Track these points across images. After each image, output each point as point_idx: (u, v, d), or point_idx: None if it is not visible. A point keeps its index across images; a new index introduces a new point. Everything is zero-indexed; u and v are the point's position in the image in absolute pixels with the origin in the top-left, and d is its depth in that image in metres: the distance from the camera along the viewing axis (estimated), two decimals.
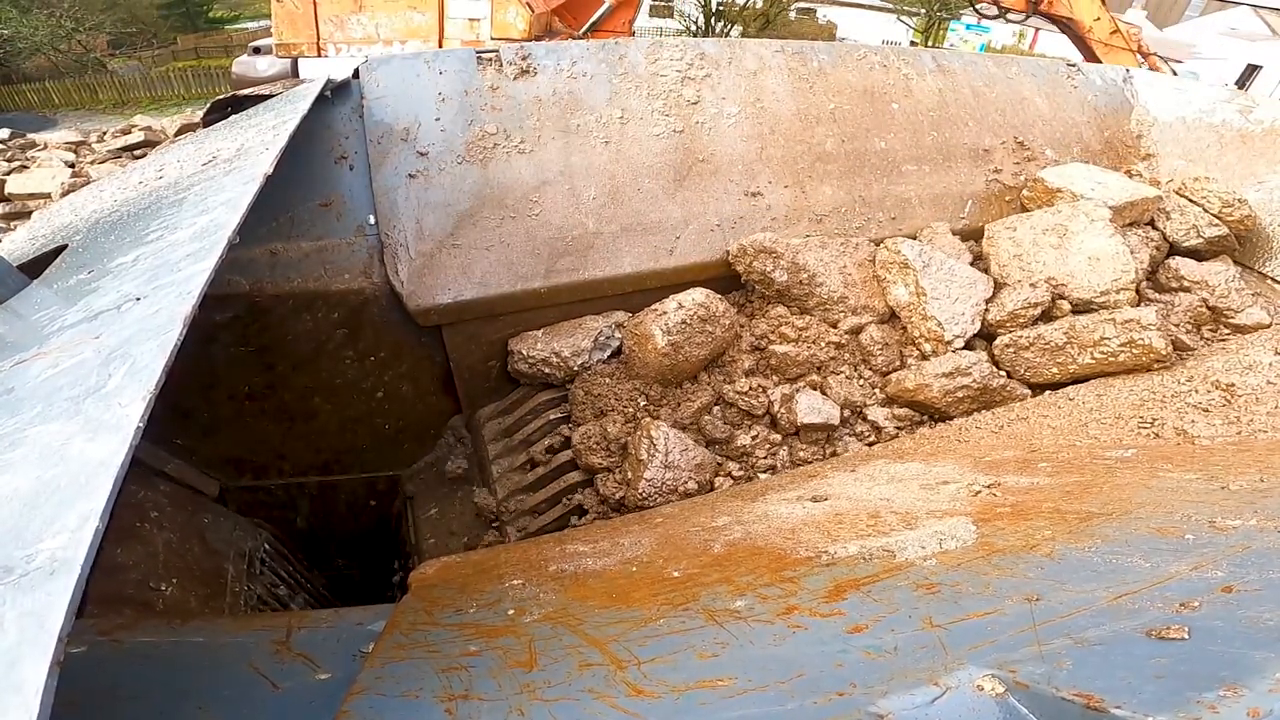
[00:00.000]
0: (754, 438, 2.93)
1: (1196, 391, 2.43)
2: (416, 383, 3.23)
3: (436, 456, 3.42)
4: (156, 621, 1.89)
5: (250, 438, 3.11)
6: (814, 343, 3.13)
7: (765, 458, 2.91)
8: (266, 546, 2.93)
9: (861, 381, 3.15)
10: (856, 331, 3.21)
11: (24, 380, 1.35)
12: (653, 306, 3.01)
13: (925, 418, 3.08)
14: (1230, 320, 3.43)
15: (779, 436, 2.97)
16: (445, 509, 3.21)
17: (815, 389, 3.06)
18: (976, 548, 1.44)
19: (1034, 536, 1.44)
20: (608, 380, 3.01)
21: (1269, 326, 3.37)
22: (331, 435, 3.23)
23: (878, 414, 3.04)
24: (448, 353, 3.12)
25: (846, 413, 3.03)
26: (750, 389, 3.00)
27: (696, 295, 2.98)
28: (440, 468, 3.37)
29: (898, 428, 3.04)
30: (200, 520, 2.71)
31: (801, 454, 2.94)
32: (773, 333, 3.17)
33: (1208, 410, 2.29)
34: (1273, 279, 3.74)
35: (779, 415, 2.96)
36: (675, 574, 1.64)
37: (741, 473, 2.86)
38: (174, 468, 2.93)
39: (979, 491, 1.83)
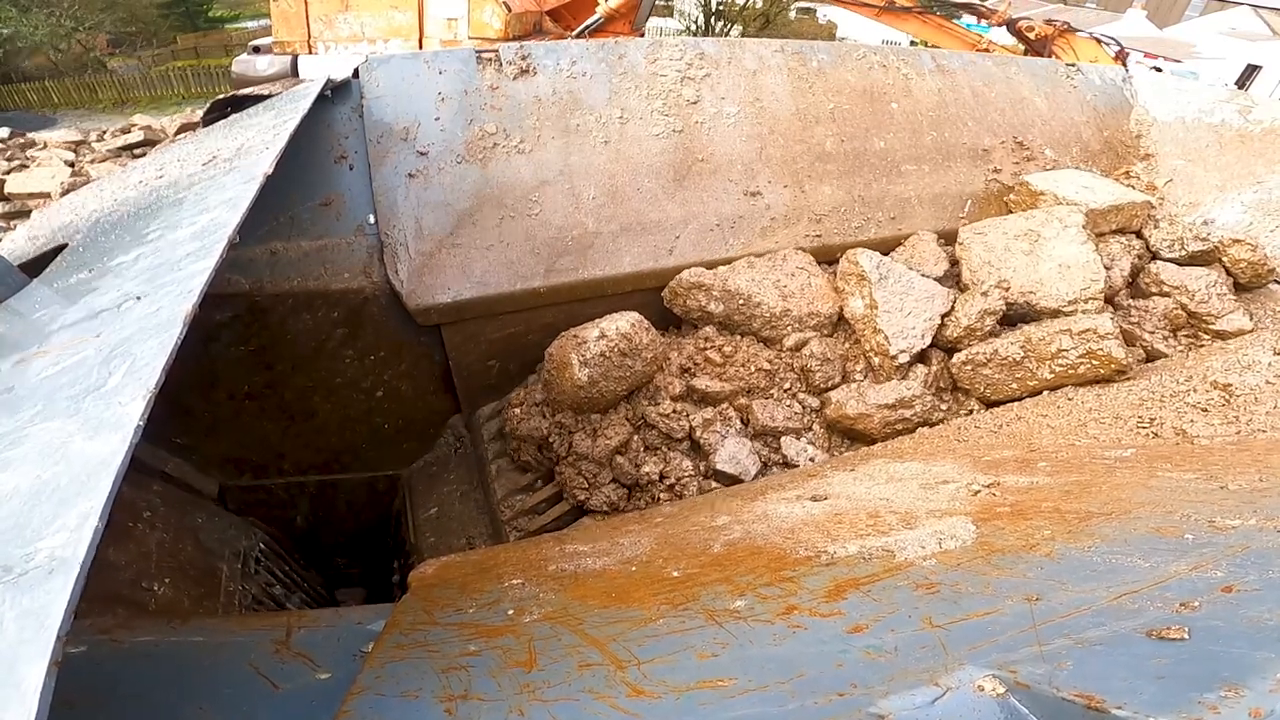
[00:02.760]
0: (669, 465, 2.85)
1: (1195, 391, 2.43)
2: (416, 382, 3.22)
3: (436, 456, 3.42)
4: (150, 621, 1.88)
5: (250, 437, 3.11)
6: (744, 365, 3.07)
7: (674, 485, 2.83)
8: (262, 546, 2.93)
9: (793, 402, 3.06)
10: (799, 347, 3.15)
11: (24, 379, 1.34)
12: (574, 331, 2.90)
13: (850, 442, 3.02)
14: (1210, 326, 3.34)
15: (691, 466, 2.86)
16: (445, 508, 3.21)
17: (741, 414, 2.99)
18: (976, 547, 1.44)
19: (1033, 536, 1.44)
20: (525, 408, 2.99)
21: (1251, 332, 3.29)
22: (331, 434, 3.23)
23: (793, 448, 2.94)
24: (447, 352, 3.12)
25: (766, 450, 2.95)
26: (674, 411, 2.93)
27: (622, 324, 2.85)
28: (440, 467, 3.37)
29: (811, 460, 2.97)
30: (194, 520, 2.71)
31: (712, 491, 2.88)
32: (699, 355, 3.09)
33: (1206, 410, 2.29)
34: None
35: (700, 440, 2.89)
36: (675, 574, 1.64)
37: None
38: (173, 467, 2.93)
39: (978, 491, 1.83)
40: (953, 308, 3.16)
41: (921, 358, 3.14)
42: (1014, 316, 3.18)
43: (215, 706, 1.30)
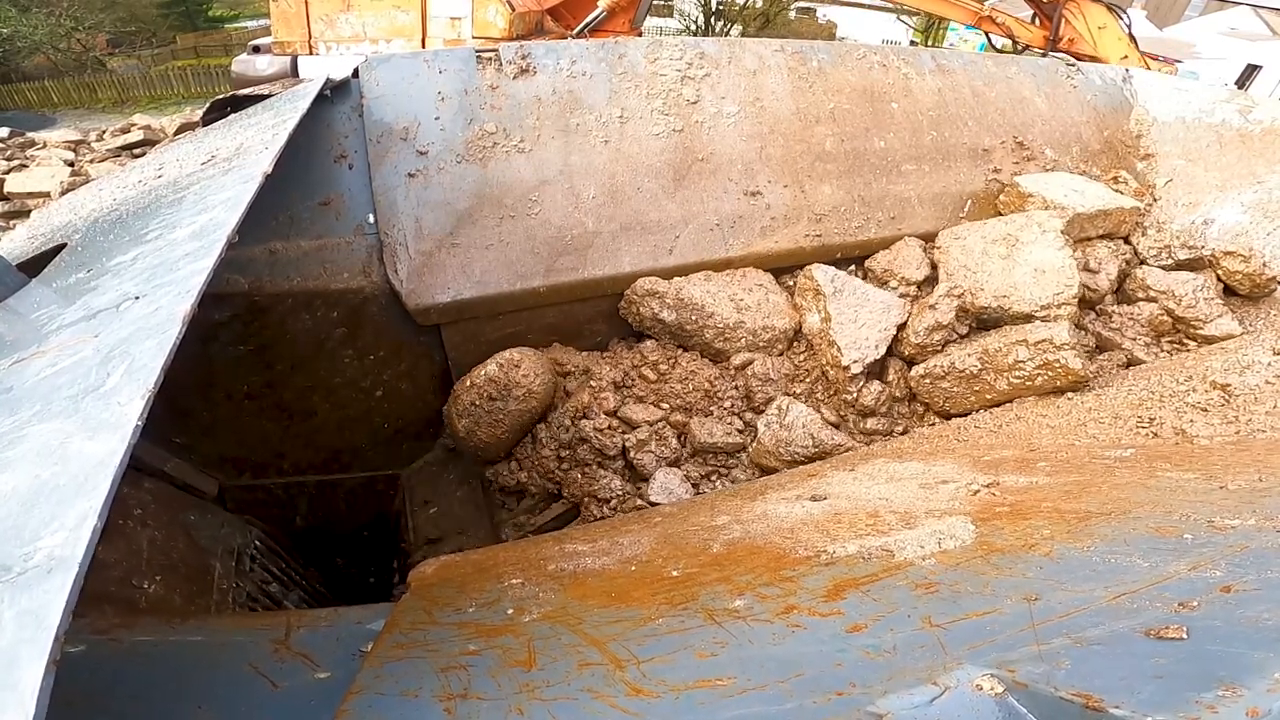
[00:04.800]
0: (595, 482, 2.81)
1: (1195, 391, 2.43)
2: (415, 382, 3.23)
3: (436, 456, 3.43)
4: (141, 618, 1.88)
5: (249, 436, 3.11)
6: (682, 382, 3.03)
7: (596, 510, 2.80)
8: (257, 543, 2.92)
9: (734, 419, 3.02)
10: (744, 366, 3.11)
11: (23, 379, 1.34)
12: (465, 378, 2.91)
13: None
14: (1198, 331, 3.28)
15: (620, 485, 2.82)
16: (445, 508, 3.21)
17: (677, 430, 2.96)
18: (975, 547, 1.44)
19: (1033, 536, 1.44)
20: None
21: (1239, 336, 3.24)
22: (330, 434, 3.23)
23: (728, 480, 2.90)
24: (447, 352, 3.12)
25: (700, 470, 2.93)
26: (608, 427, 2.87)
27: (491, 368, 2.79)
28: (440, 467, 3.37)
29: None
30: (186, 517, 2.70)
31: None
32: (634, 371, 3.04)
33: (1206, 410, 2.29)
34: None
35: (635, 461, 2.84)
36: (674, 573, 1.64)
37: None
38: (173, 466, 2.93)
39: (978, 491, 1.83)
40: (907, 319, 3.14)
41: (881, 370, 3.12)
42: (988, 322, 3.15)
43: (214, 705, 1.30)
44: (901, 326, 3.12)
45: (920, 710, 0.94)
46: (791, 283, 3.40)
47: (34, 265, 2.09)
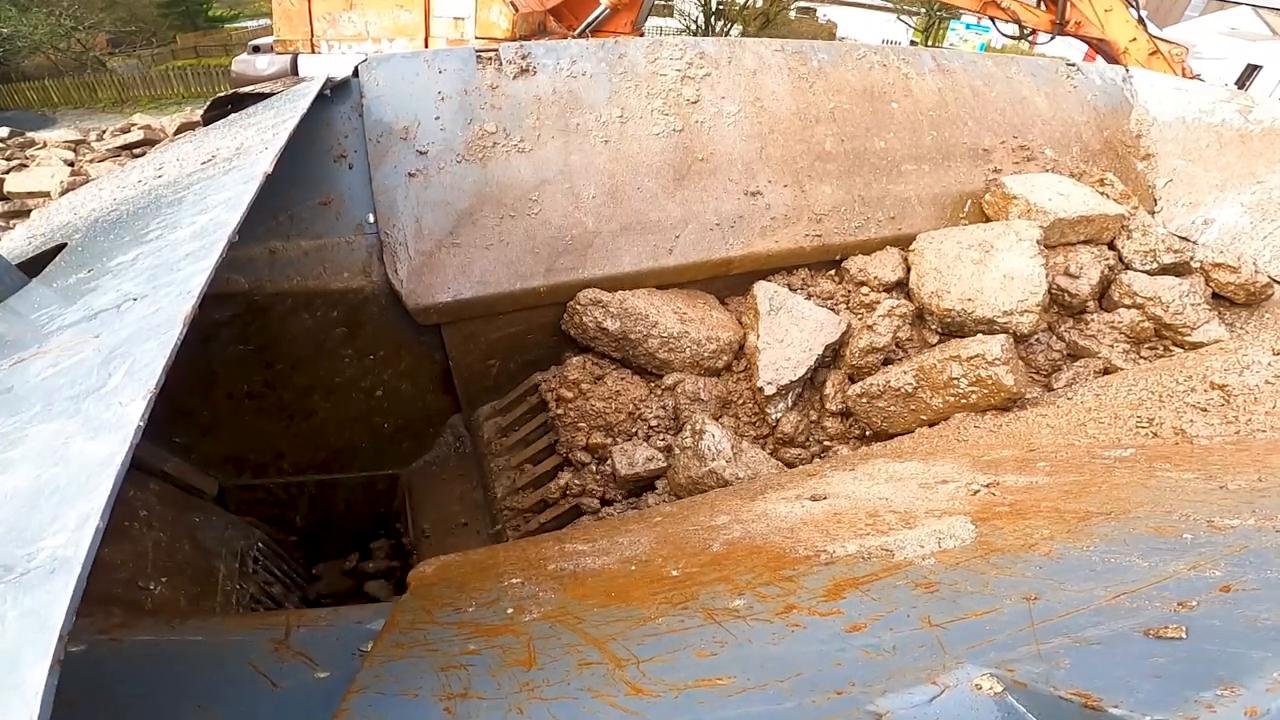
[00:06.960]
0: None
1: (1194, 391, 2.43)
2: (415, 381, 3.23)
3: (436, 456, 3.43)
4: (148, 620, 1.89)
5: (249, 436, 3.11)
6: (608, 399, 2.98)
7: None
8: (260, 545, 2.93)
9: (664, 436, 2.99)
10: (674, 386, 3.08)
11: (24, 379, 1.34)
12: None
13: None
14: (1185, 338, 3.24)
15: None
16: (445, 509, 3.21)
17: (594, 453, 2.94)
18: (975, 547, 1.44)
19: (1032, 536, 1.44)
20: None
21: (1226, 341, 3.19)
22: (330, 434, 3.23)
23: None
24: (447, 351, 3.12)
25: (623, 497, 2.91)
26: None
27: None
28: (440, 467, 3.37)
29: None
30: (191, 519, 2.71)
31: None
32: (548, 393, 3.01)
33: (1206, 410, 2.29)
34: (1273, 279, 3.71)
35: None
36: (674, 573, 1.64)
37: None
38: (173, 466, 2.93)
39: (977, 491, 1.83)
40: (846, 339, 3.14)
41: (820, 386, 3.12)
42: (952, 326, 3.15)
43: (215, 705, 1.30)
44: (834, 345, 3.12)
45: (920, 710, 0.94)
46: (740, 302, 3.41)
47: (34, 265, 2.09)
